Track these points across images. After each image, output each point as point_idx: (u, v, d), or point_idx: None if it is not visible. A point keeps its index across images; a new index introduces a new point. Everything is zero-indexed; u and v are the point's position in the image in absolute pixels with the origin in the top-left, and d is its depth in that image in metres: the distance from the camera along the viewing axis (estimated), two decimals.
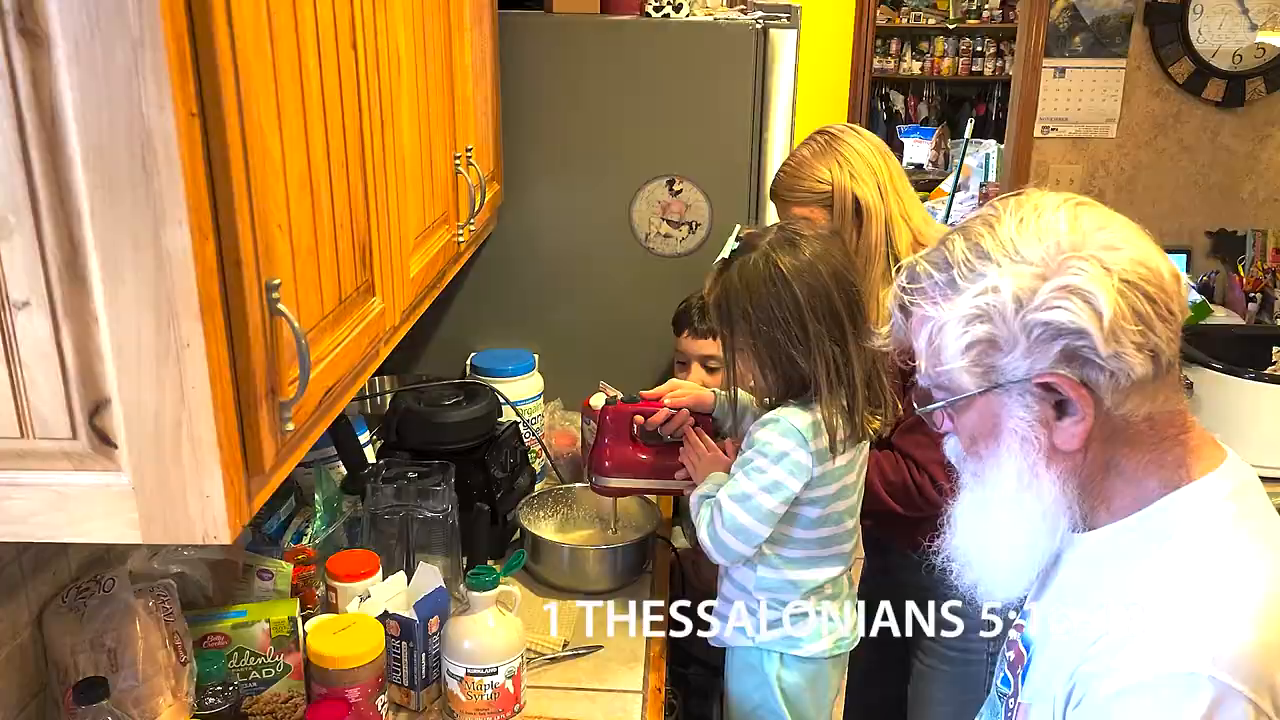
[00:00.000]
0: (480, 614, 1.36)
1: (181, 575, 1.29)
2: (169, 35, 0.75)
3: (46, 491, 0.87)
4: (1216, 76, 3.71)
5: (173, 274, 0.80)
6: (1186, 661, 0.84)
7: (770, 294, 1.41)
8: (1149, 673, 0.85)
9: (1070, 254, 0.88)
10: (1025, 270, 0.89)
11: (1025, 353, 0.90)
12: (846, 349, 1.42)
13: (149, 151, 0.77)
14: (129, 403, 0.84)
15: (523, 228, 2.18)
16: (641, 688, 1.53)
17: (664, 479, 1.69)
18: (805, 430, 1.43)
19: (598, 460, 1.70)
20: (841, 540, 1.55)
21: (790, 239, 1.45)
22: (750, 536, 1.46)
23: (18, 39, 0.75)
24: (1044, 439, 0.93)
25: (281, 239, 0.93)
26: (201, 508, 0.87)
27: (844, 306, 1.41)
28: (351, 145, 1.12)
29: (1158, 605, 0.89)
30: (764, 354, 1.44)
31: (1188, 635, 0.85)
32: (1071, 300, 0.87)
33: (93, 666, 1.14)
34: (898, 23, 6.71)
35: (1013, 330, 0.90)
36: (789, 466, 1.43)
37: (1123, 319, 0.87)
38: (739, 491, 1.45)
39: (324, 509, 1.62)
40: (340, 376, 1.10)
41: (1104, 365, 0.88)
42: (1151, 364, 0.89)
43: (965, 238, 0.94)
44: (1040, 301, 0.88)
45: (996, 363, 0.92)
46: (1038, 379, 0.91)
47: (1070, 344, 0.88)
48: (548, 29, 2.08)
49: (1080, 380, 0.90)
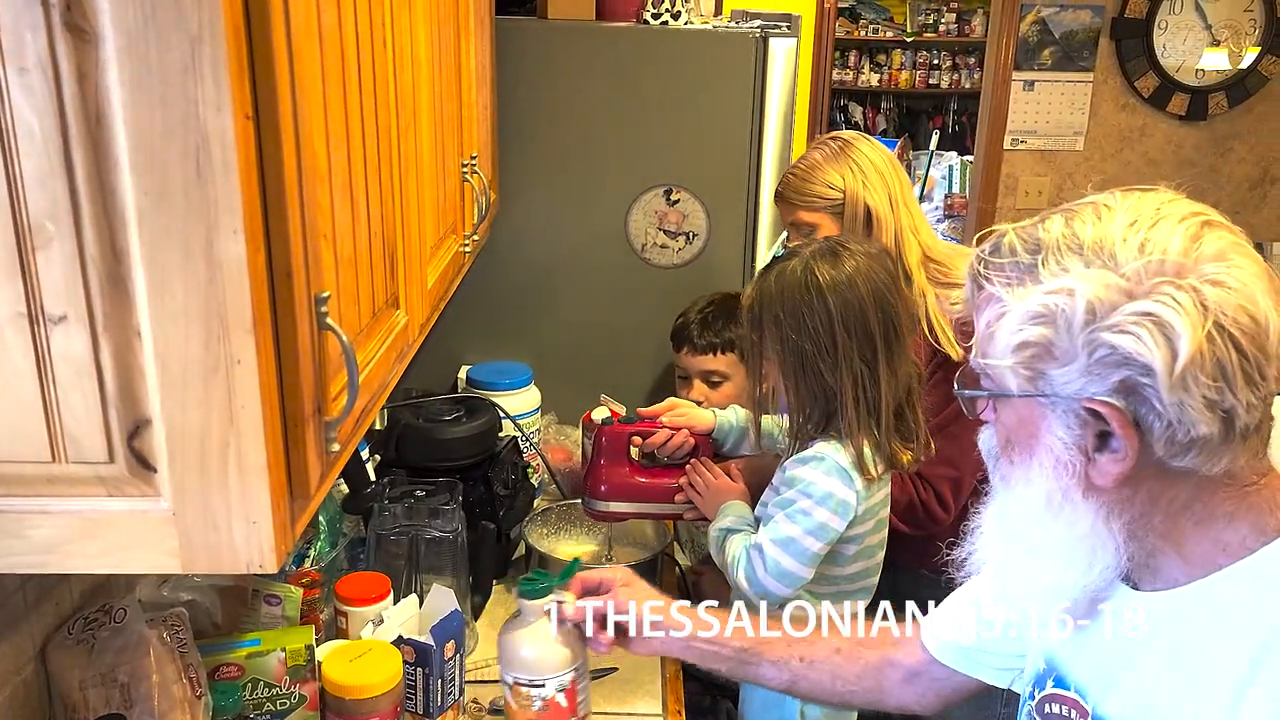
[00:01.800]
0: (534, 624, 1.28)
1: (191, 603, 1.23)
2: (229, 30, 0.70)
3: (78, 519, 0.81)
4: (1181, 91, 3.79)
5: (225, 285, 0.75)
6: None
7: (803, 301, 1.37)
8: None
9: (1169, 277, 0.78)
10: (1112, 280, 0.79)
11: (1082, 371, 0.81)
12: (876, 371, 1.37)
13: (204, 155, 0.72)
14: (172, 423, 0.78)
15: (516, 237, 2.14)
16: (661, 711, 1.49)
17: (661, 503, 1.64)
18: (850, 468, 1.39)
19: (593, 483, 1.65)
20: (871, 574, 1.52)
21: (834, 250, 1.40)
22: (794, 580, 1.41)
23: (63, 33, 0.70)
24: (1080, 466, 0.84)
25: (327, 250, 0.88)
26: (247, 535, 0.82)
27: (879, 326, 1.36)
28: (383, 150, 1.07)
29: None
30: (791, 364, 1.40)
31: None
32: (1148, 329, 0.77)
33: (104, 702, 1.07)
34: (856, 35, 6.78)
35: (1075, 343, 0.81)
36: (834, 506, 1.38)
37: (1199, 368, 0.77)
38: (782, 536, 1.39)
39: (328, 530, 1.56)
40: (373, 394, 1.05)
41: (1163, 412, 0.79)
42: (1220, 426, 0.79)
43: (1067, 222, 0.84)
44: (1115, 321, 0.78)
45: (1048, 371, 0.83)
46: (1087, 402, 0.81)
47: (1133, 377, 0.79)
48: (543, 35, 2.05)
49: (1133, 418, 0.80)
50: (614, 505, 1.66)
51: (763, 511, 1.47)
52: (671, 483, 1.63)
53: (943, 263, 1.65)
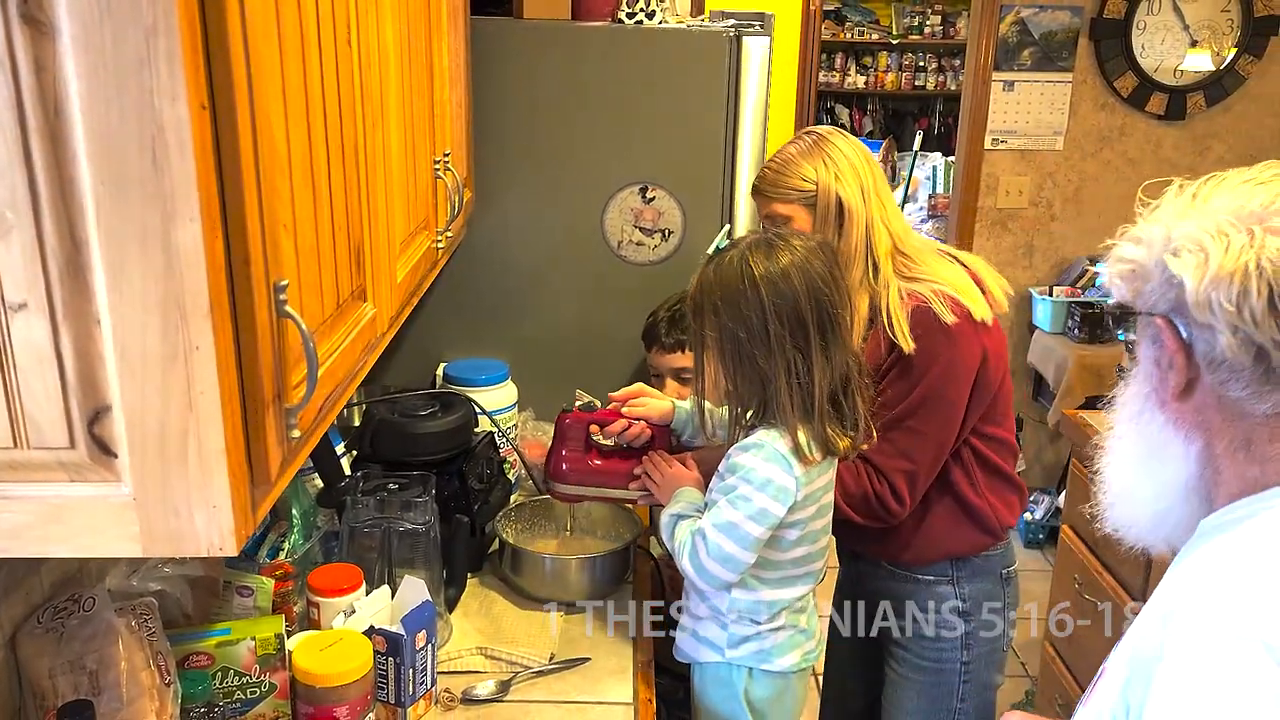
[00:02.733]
0: None
1: (161, 593, 1.24)
2: (184, 22, 0.72)
3: (41, 504, 0.82)
4: (1159, 91, 3.82)
5: (182, 273, 0.77)
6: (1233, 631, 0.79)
7: (739, 291, 1.41)
8: (1194, 645, 0.81)
9: (1240, 218, 0.86)
10: (1195, 215, 0.88)
11: (1156, 288, 0.91)
12: (809, 359, 1.41)
13: (160, 145, 0.74)
14: (132, 409, 0.80)
15: (493, 236, 2.15)
16: (632, 699, 1.50)
17: (619, 486, 1.68)
18: (789, 454, 1.42)
19: (554, 466, 1.70)
20: (815, 559, 1.54)
21: (770, 242, 1.45)
22: (736, 564, 1.43)
23: (20, 26, 0.71)
24: (1155, 379, 0.94)
25: (287, 239, 0.90)
26: (207, 518, 0.83)
27: (812, 315, 1.40)
28: (348, 144, 1.09)
29: (1214, 580, 0.85)
30: (728, 351, 1.43)
31: (1236, 606, 0.81)
32: (1192, 252, 0.86)
33: (72, 689, 1.09)
34: (842, 38, 6.80)
35: (1152, 263, 0.91)
36: (773, 492, 1.41)
37: (1221, 292, 0.84)
38: (724, 521, 1.42)
39: (301, 523, 1.58)
40: (338, 383, 1.06)
41: (1199, 333, 0.88)
42: (1253, 359, 0.85)
43: (1192, 180, 0.93)
44: (1176, 245, 0.88)
45: (1141, 289, 0.93)
46: (1157, 316, 0.91)
47: (1178, 295, 0.88)
48: (519, 35, 2.06)
49: (1181, 335, 0.90)
50: (572, 487, 1.70)
51: (709, 499, 1.49)
52: (628, 468, 1.67)
53: (912, 256, 1.68)
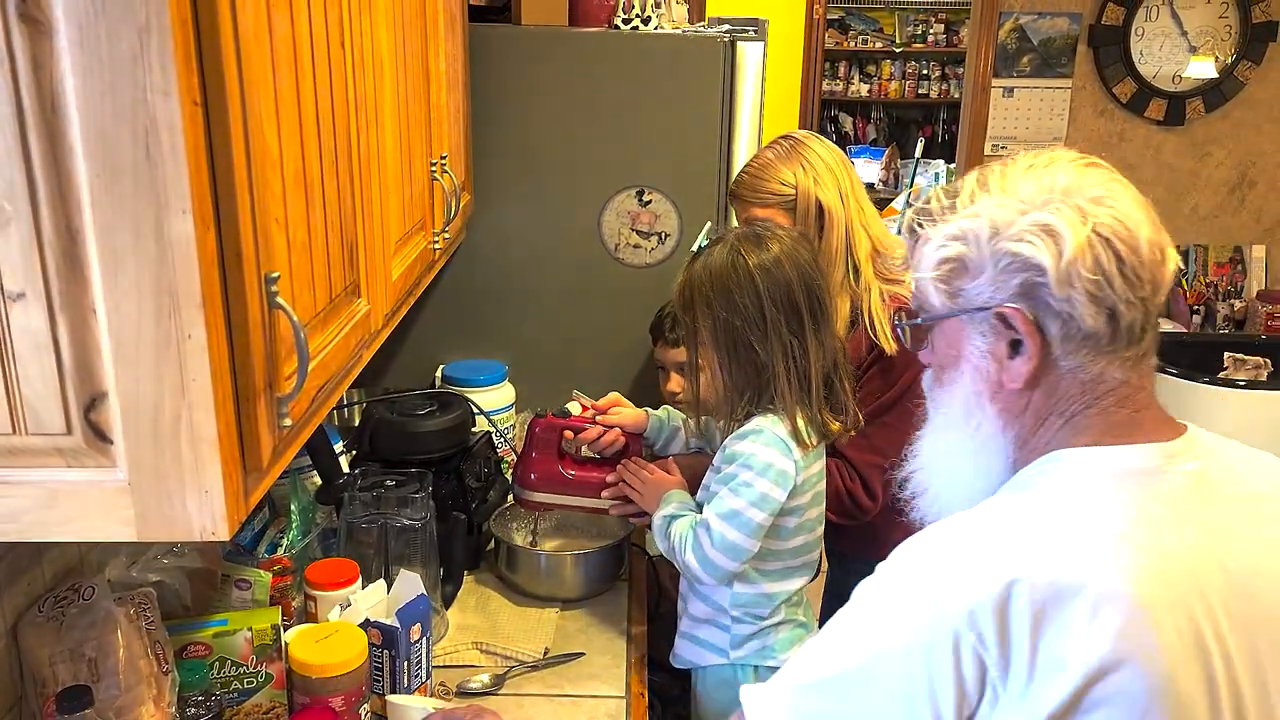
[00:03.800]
0: None
1: (160, 584, 1.26)
2: (175, 21, 0.75)
3: (38, 489, 0.85)
4: (1158, 96, 3.84)
5: (175, 263, 0.79)
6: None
7: (732, 280, 1.44)
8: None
9: (1058, 198, 0.91)
10: (1012, 204, 0.92)
11: (990, 280, 0.93)
12: (804, 342, 1.44)
13: (153, 139, 0.76)
14: (127, 396, 0.82)
15: (491, 239, 2.18)
16: (625, 693, 1.52)
17: (588, 496, 1.68)
18: (787, 438, 1.44)
19: (523, 473, 1.71)
20: (812, 548, 1.56)
21: (757, 234, 1.48)
22: (740, 553, 1.45)
23: (18, 24, 0.74)
24: (994, 373, 0.96)
25: (279, 233, 0.92)
26: (200, 503, 0.85)
27: (804, 299, 1.44)
28: (340, 144, 1.11)
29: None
30: (724, 342, 1.45)
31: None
32: (1040, 236, 0.90)
33: (72, 676, 1.11)
34: (845, 46, 6.83)
35: (983, 256, 0.93)
36: (774, 477, 1.43)
37: (1081, 264, 0.89)
38: (727, 509, 1.44)
39: (300, 519, 1.60)
40: (331, 376, 1.09)
41: (1057, 309, 0.91)
42: (1106, 322, 0.91)
43: (979, 173, 0.97)
44: (1014, 233, 0.91)
45: (964, 286, 0.95)
46: (997, 309, 0.93)
47: (1030, 279, 0.91)
48: (517, 40, 2.09)
49: (1035, 320, 0.92)
50: (540, 495, 1.70)
51: (704, 495, 1.51)
52: (599, 478, 1.67)
53: (892, 258, 1.71)
